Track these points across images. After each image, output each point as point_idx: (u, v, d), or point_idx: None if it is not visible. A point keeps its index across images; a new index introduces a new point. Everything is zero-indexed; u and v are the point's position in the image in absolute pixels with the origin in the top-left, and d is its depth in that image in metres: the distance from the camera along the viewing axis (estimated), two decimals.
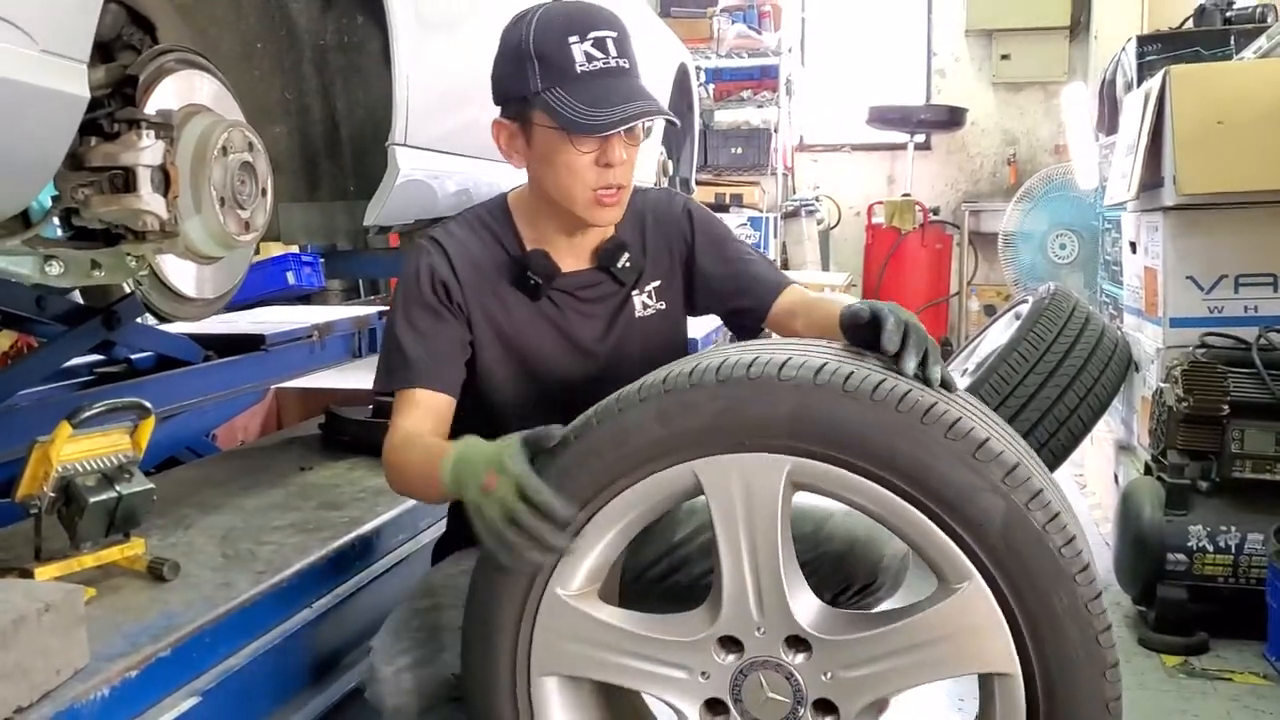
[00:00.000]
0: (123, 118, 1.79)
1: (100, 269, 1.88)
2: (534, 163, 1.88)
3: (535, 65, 1.78)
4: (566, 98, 1.76)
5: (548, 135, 1.81)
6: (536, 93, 1.78)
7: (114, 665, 1.59)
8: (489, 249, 1.94)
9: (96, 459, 1.89)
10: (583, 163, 1.81)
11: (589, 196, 1.84)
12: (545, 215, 1.93)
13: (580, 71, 1.77)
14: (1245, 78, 3.26)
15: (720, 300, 2.09)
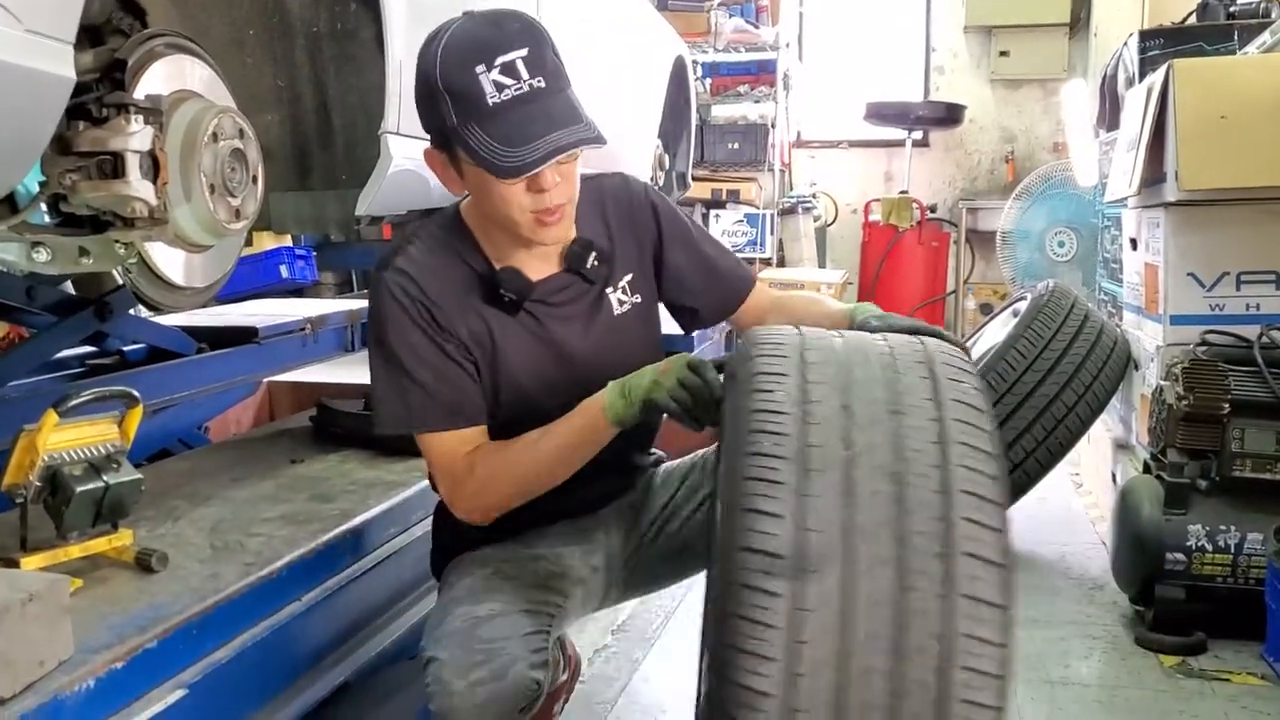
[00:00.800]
0: (111, 102, 1.77)
1: (89, 256, 1.86)
2: (471, 191, 1.83)
3: (447, 101, 1.70)
4: (483, 137, 1.69)
5: (472, 169, 1.75)
6: (454, 128, 1.71)
7: (99, 657, 1.57)
8: (455, 268, 1.87)
9: (84, 448, 1.87)
10: (515, 191, 1.75)
11: (528, 220, 1.78)
12: (500, 233, 1.87)
13: (492, 104, 1.68)
14: (1249, 72, 3.24)
15: (688, 294, 2.08)
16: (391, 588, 2.35)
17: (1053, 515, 4.20)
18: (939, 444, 1.27)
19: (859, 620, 1.18)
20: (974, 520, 1.22)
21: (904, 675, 1.16)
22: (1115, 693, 2.73)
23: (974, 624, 1.18)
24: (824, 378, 1.34)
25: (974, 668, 1.17)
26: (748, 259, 7.73)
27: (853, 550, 1.20)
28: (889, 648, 1.17)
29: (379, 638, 2.26)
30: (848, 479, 1.24)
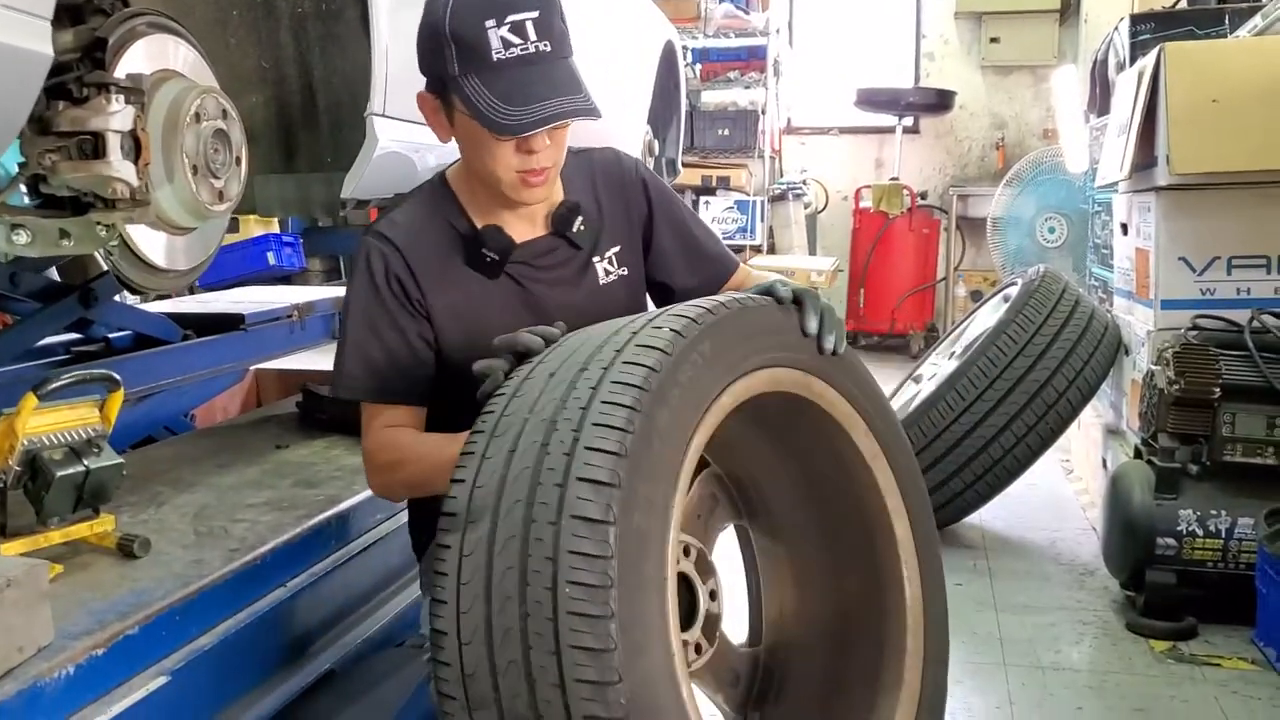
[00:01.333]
0: (91, 81, 1.74)
1: (69, 238, 1.82)
2: (459, 141, 1.82)
3: (452, 49, 1.70)
4: (483, 90, 1.69)
5: (465, 120, 1.74)
6: (454, 77, 1.71)
7: (80, 643, 1.55)
8: (438, 232, 1.86)
9: (64, 432, 1.84)
10: (504, 149, 1.75)
11: (513, 178, 1.78)
12: (483, 192, 1.86)
13: (496, 60, 1.69)
14: (1241, 56, 3.23)
15: (672, 272, 2.06)
16: (377, 574, 2.33)
17: (1043, 501, 4.20)
18: (594, 390, 1.36)
19: (499, 556, 1.30)
20: (594, 448, 1.30)
21: (527, 597, 1.27)
22: (1106, 678, 2.73)
23: (578, 540, 1.26)
24: (550, 356, 1.49)
25: (579, 581, 1.25)
26: (738, 246, 7.71)
27: (502, 497, 1.34)
28: (518, 575, 1.28)
29: (365, 624, 2.25)
30: (519, 436, 1.37)
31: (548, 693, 1.25)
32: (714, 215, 7.71)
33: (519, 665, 1.27)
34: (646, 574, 1.29)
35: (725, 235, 7.70)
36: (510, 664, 1.28)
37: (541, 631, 1.25)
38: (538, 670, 1.25)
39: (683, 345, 1.42)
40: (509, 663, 1.28)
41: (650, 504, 1.31)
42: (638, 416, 1.32)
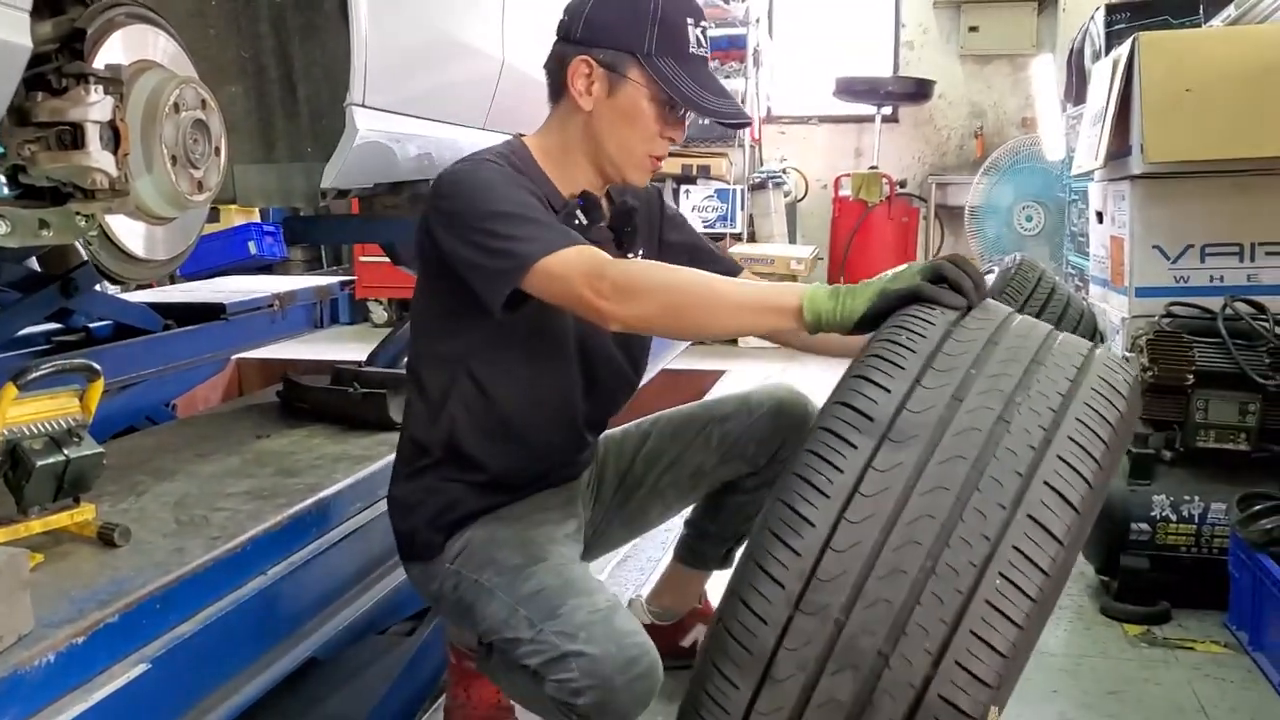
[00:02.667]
0: (70, 72, 1.75)
1: (48, 228, 1.83)
2: (607, 113, 1.89)
3: (656, 29, 1.85)
4: (680, 72, 1.85)
5: (637, 94, 1.87)
6: (648, 54, 1.84)
7: (60, 631, 1.56)
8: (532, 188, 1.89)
9: (44, 422, 1.85)
10: (655, 130, 1.89)
11: (643, 161, 1.93)
12: (579, 166, 1.95)
13: (691, 52, 1.88)
14: (1214, 45, 3.25)
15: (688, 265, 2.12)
16: (358, 562, 2.34)
17: None
18: (1063, 398, 1.31)
19: (920, 497, 1.23)
20: (1067, 462, 1.25)
21: (942, 556, 1.21)
22: (1080, 662, 2.76)
23: (1027, 542, 1.21)
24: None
25: (1011, 579, 1.20)
26: (718, 235, 7.73)
27: (940, 439, 1.26)
28: (938, 529, 1.22)
29: (346, 612, 2.26)
30: (963, 385, 1.31)
31: (915, 654, 1.18)
32: (694, 204, 7.72)
33: (891, 608, 1.20)
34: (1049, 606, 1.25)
35: (705, 224, 7.72)
36: (882, 602, 1.21)
37: (944, 598, 1.19)
38: (915, 628, 1.19)
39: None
40: (881, 600, 1.20)
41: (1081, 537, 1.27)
42: (1098, 457, 1.27)
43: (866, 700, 1.21)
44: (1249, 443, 2.97)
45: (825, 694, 1.22)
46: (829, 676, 1.22)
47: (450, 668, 2.17)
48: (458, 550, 1.94)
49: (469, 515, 1.95)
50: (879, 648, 1.21)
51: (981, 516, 1.22)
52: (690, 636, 2.54)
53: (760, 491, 2.33)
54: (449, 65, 2.95)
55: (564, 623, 1.71)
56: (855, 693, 1.21)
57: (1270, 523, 2.73)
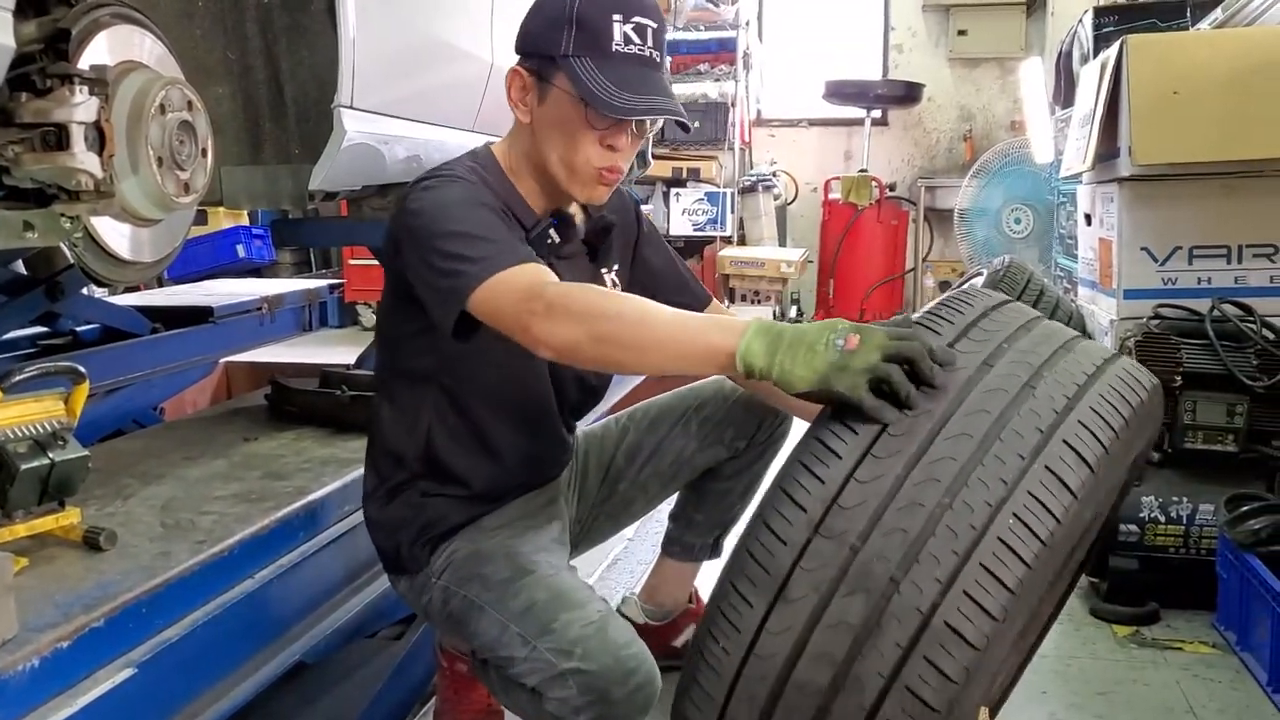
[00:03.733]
0: (54, 72, 1.73)
1: (33, 230, 1.82)
2: (541, 123, 1.84)
3: (573, 29, 1.76)
4: (595, 71, 1.75)
5: (564, 101, 1.79)
6: (565, 56, 1.77)
7: (44, 636, 1.55)
8: (501, 206, 1.85)
9: (28, 425, 1.84)
10: (589, 138, 1.81)
11: (590, 173, 1.84)
12: (532, 175, 1.90)
13: (615, 50, 1.77)
14: (1202, 48, 3.25)
15: (655, 292, 2.06)
16: (347, 566, 2.34)
17: None
18: (1090, 377, 1.39)
19: (944, 441, 1.30)
20: (1087, 427, 1.32)
21: (958, 495, 1.26)
22: (1070, 663, 2.76)
23: (1045, 492, 1.26)
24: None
25: (1025, 521, 1.25)
26: (708, 238, 7.74)
27: (967, 395, 1.34)
28: (957, 471, 1.28)
29: (334, 616, 2.25)
30: (994, 354, 1.39)
31: (925, 581, 1.23)
32: (684, 207, 7.73)
33: (906, 537, 1.25)
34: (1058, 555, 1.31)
35: (695, 227, 7.73)
36: (898, 531, 1.25)
37: (958, 531, 1.24)
38: (928, 557, 1.23)
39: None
40: (897, 529, 1.25)
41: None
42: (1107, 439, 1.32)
43: (875, 623, 1.25)
44: (1237, 444, 2.97)
45: (836, 615, 1.27)
46: (840, 598, 1.27)
47: (440, 671, 2.16)
48: (443, 565, 1.93)
49: (453, 528, 1.94)
50: (891, 574, 1.25)
51: (1001, 463, 1.27)
52: (683, 636, 2.53)
53: (740, 476, 2.35)
54: (437, 67, 2.94)
55: (558, 639, 1.69)
56: (865, 615, 1.25)
57: (1258, 523, 2.74)
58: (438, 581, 1.92)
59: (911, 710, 1.24)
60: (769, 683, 1.30)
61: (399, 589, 2.04)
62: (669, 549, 2.51)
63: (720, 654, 1.33)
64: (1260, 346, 2.97)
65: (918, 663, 1.23)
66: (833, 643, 1.26)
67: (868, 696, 1.25)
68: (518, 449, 1.98)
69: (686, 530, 2.46)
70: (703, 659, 1.36)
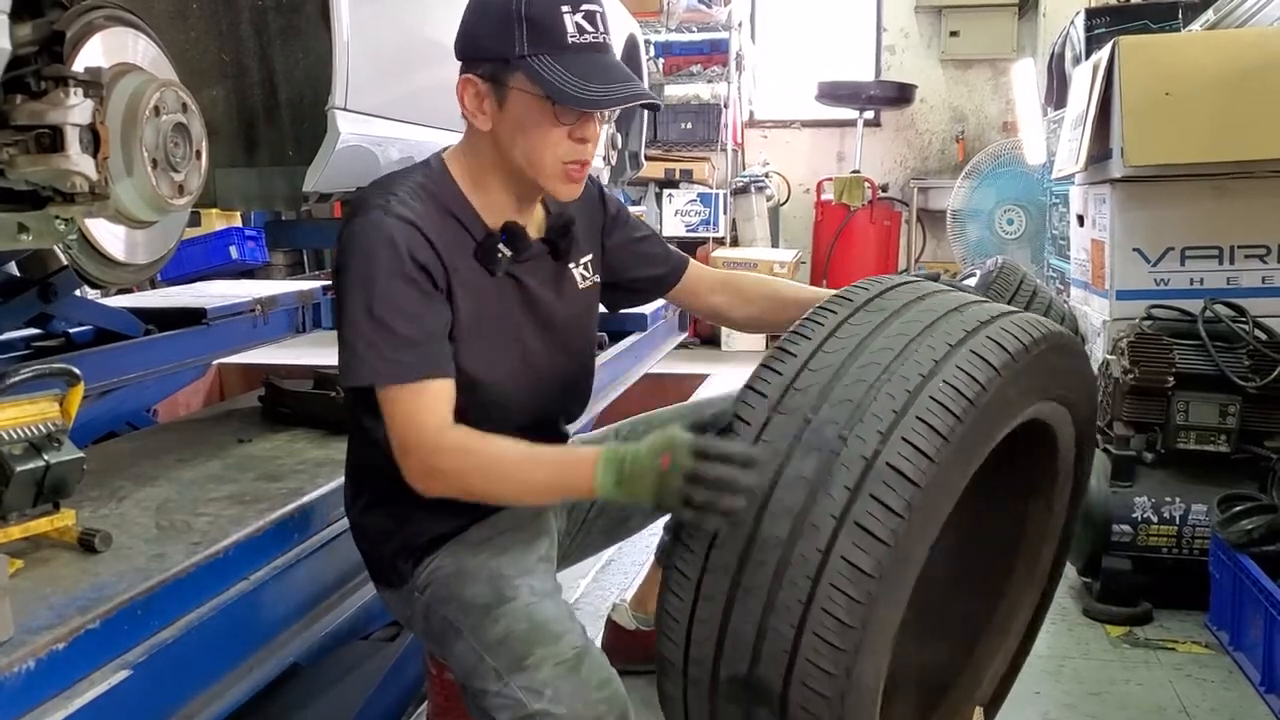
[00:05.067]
0: (50, 75, 1.73)
1: (27, 232, 1.82)
2: (503, 128, 1.79)
3: (524, 28, 1.71)
4: (556, 67, 1.71)
5: (525, 101, 1.74)
6: (521, 57, 1.72)
7: (40, 638, 1.55)
8: (445, 221, 1.81)
9: (23, 427, 1.83)
10: (558, 134, 1.76)
11: (559, 169, 1.79)
12: (498, 181, 1.84)
13: (570, 42, 1.73)
14: (1193, 50, 3.27)
15: (627, 269, 2.14)
16: (341, 567, 2.33)
17: None
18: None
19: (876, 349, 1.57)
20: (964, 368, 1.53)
21: (895, 372, 1.52)
22: (1063, 663, 2.77)
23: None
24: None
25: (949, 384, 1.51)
26: (700, 239, 7.74)
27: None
28: (889, 360, 1.54)
29: (329, 618, 2.24)
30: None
31: (869, 433, 1.46)
32: (677, 208, 7.74)
33: (851, 405, 1.50)
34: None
35: (688, 228, 7.74)
36: (845, 401, 1.51)
37: (895, 395, 1.49)
38: (870, 416, 1.48)
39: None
40: (845, 400, 1.51)
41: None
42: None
43: (827, 473, 1.46)
44: (1229, 444, 2.99)
45: (794, 473, 1.49)
46: (797, 459, 1.49)
47: (430, 678, 2.15)
48: (426, 580, 1.88)
49: (437, 539, 1.89)
50: (840, 432, 1.48)
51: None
52: None
53: None
54: (431, 69, 2.93)
55: (529, 677, 1.66)
56: (817, 469, 1.47)
57: (1250, 523, 2.75)
58: (420, 597, 1.88)
59: (862, 544, 1.42)
60: (738, 546, 1.50)
61: (384, 598, 2.01)
62: (661, 559, 2.51)
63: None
64: (1252, 347, 2.98)
65: (865, 501, 1.44)
66: (790, 497, 1.47)
67: (822, 538, 1.44)
68: None
69: None
70: (680, 543, 1.58)
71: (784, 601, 1.45)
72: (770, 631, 1.47)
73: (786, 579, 1.45)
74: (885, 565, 1.42)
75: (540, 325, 1.93)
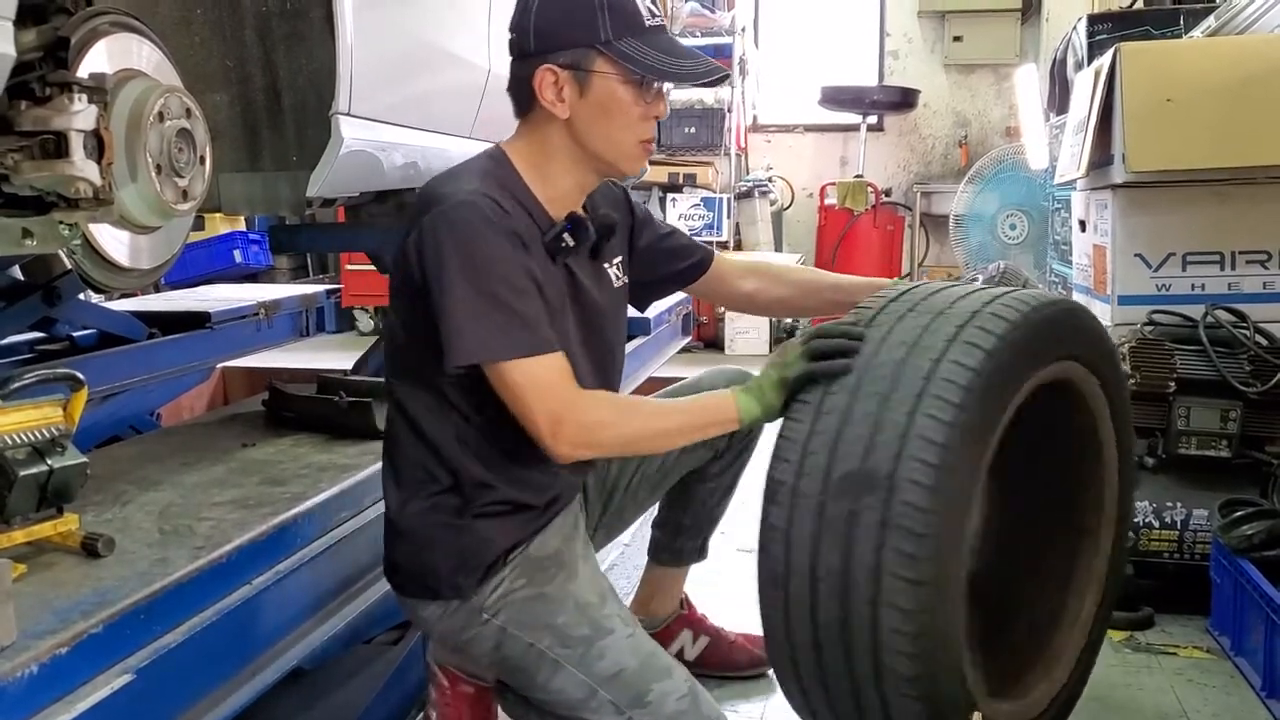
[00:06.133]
0: (54, 80, 1.74)
1: (32, 238, 1.82)
2: (583, 114, 1.86)
3: (606, 14, 1.81)
4: (644, 48, 1.82)
5: (609, 85, 1.84)
6: (606, 41, 1.81)
7: (43, 642, 1.55)
8: (518, 209, 1.86)
9: (27, 431, 1.83)
10: (637, 113, 1.86)
11: (637, 149, 1.90)
12: (562, 171, 1.91)
13: (648, 25, 1.84)
14: (1195, 56, 3.27)
15: (657, 267, 2.22)
16: (344, 572, 2.33)
17: None
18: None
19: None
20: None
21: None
22: None
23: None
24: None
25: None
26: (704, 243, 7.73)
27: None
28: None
29: (331, 622, 2.24)
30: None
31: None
32: (681, 212, 7.74)
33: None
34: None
35: (692, 232, 7.70)
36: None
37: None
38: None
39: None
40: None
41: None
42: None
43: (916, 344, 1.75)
44: (1230, 449, 2.99)
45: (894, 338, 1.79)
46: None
47: (439, 690, 2.12)
48: (498, 602, 1.87)
49: (500, 554, 1.89)
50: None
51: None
52: (677, 643, 2.54)
53: (723, 475, 2.37)
54: (435, 74, 2.95)
55: (653, 713, 1.77)
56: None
57: (1252, 529, 2.75)
58: (493, 620, 1.87)
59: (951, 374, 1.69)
60: (855, 376, 1.74)
61: (418, 613, 1.97)
62: (659, 557, 2.52)
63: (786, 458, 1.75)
64: (1253, 352, 2.98)
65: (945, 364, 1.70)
66: (889, 353, 1.75)
67: (922, 372, 1.70)
68: (549, 462, 1.92)
69: (676, 535, 2.47)
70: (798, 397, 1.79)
71: (898, 398, 1.68)
72: (886, 422, 1.67)
73: (894, 397, 1.69)
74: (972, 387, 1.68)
75: (584, 316, 1.98)
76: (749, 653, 2.58)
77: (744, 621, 2.67)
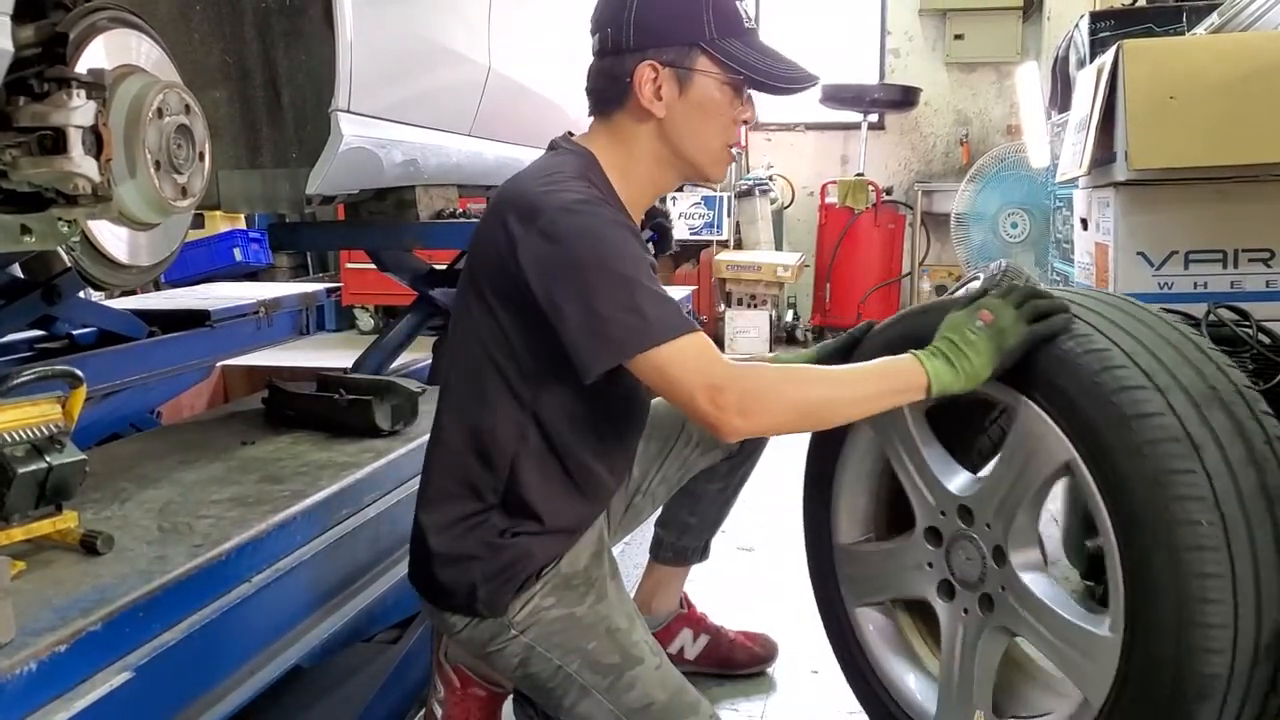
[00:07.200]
0: (52, 77, 1.73)
1: (30, 234, 1.82)
2: (679, 113, 1.81)
3: (711, 13, 1.78)
4: (748, 50, 1.79)
5: (709, 86, 1.80)
6: (711, 40, 1.78)
7: (42, 640, 1.54)
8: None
9: (25, 429, 1.83)
10: (730, 117, 1.84)
11: (725, 154, 1.88)
12: (645, 174, 1.87)
13: (747, 27, 1.82)
14: (1198, 53, 3.26)
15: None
16: (343, 570, 2.33)
17: None
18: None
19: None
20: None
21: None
22: None
23: None
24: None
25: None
26: (705, 242, 7.75)
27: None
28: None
29: (331, 620, 2.25)
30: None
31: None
32: (681, 211, 7.74)
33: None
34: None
35: (692, 231, 7.74)
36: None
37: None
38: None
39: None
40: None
41: None
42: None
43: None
44: None
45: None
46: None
47: (450, 690, 2.11)
48: (528, 619, 1.85)
49: (534, 572, 1.86)
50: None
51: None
52: (677, 642, 2.54)
53: (733, 475, 2.37)
54: (435, 71, 2.95)
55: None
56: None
57: None
58: (521, 636, 1.84)
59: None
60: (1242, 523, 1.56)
61: (446, 619, 1.92)
62: (661, 555, 2.51)
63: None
64: (1256, 351, 2.96)
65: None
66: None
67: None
68: (597, 479, 1.91)
69: (681, 534, 2.46)
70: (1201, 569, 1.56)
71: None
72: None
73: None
74: None
75: None
76: (749, 651, 2.58)
77: (744, 620, 2.67)
